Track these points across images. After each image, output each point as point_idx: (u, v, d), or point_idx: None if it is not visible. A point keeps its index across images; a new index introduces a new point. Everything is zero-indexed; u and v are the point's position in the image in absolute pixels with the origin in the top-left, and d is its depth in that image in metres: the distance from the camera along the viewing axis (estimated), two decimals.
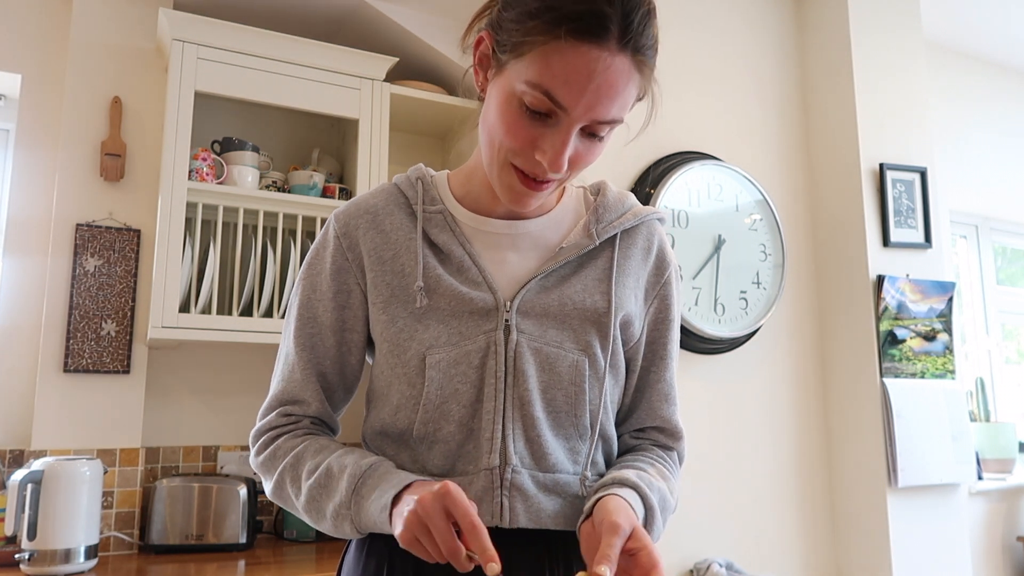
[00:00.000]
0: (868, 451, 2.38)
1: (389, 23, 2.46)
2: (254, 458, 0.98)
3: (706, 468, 2.29)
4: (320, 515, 0.89)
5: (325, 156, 2.55)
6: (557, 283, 0.94)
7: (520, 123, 0.83)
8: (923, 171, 2.56)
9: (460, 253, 0.93)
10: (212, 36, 2.15)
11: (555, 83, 0.79)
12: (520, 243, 0.95)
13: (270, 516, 2.38)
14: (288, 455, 0.93)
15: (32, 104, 2.26)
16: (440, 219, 0.95)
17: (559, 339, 0.92)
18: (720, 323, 2.33)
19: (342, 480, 0.87)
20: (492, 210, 0.96)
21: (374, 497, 0.83)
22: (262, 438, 0.97)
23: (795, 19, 2.74)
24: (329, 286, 0.96)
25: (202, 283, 2.13)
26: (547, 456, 0.90)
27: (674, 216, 2.30)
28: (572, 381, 0.91)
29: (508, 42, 0.83)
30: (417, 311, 0.91)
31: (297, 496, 0.91)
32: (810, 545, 2.43)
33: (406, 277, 0.93)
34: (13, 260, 2.19)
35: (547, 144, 0.83)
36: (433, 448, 0.90)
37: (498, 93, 0.85)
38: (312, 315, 0.97)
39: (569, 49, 0.78)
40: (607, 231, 0.96)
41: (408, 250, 0.94)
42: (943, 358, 2.50)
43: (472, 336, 0.90)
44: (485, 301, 0.91)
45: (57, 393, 2.10)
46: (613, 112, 0.82)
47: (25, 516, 1.77)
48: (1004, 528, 3.06)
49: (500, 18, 0.85)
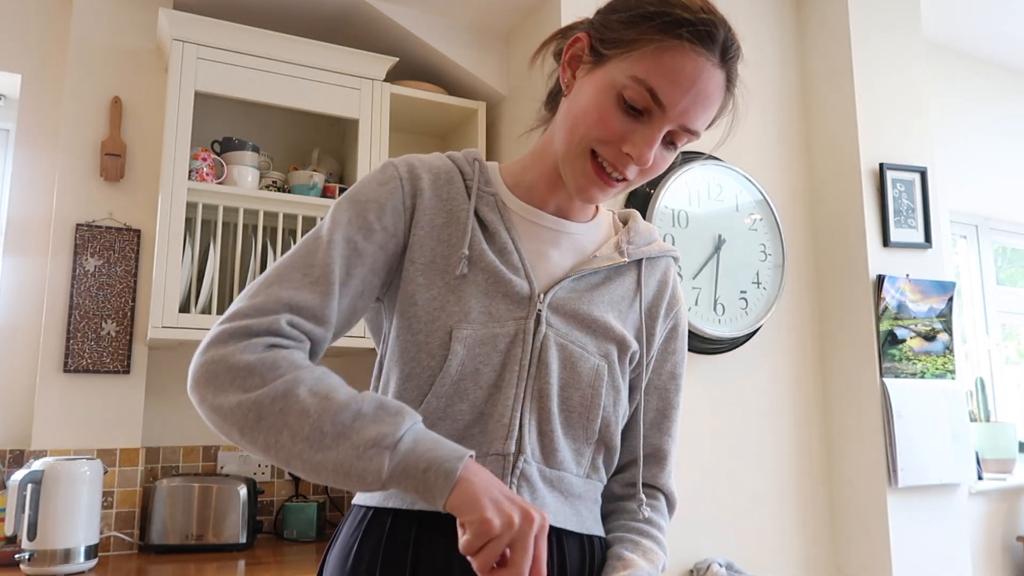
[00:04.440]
0: (868, 451, 2.38)
1: (389, 23, 2.46)
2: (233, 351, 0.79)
3: (706, 468, 2.29)
4: (338, 436, 0.76)
5: (325, 156, 2.55)
6: (587, 290, 0.96)
7: (614, 115, 0.86)
8: (923, 171, 2.56)
9: (505, 237, 0.94)
10: (212, 36, 2.16)
11: (661, 81, 0.84)
12: (562, 242, 0.97)
13: (270, 516, 2.38)
14: (306, 369, 0.80)
15: (32, 104, 2.26)
16: (492, 200, 0.95)
17: (583, 341, 0.93)
18: (720, 323, 2.33)
19: (390, 412, 0.78)
20: (543, 204, 0.97)
21: (435, 448, 0.76)
22: (256, 338, 0.81)
23: (795, 19, 2.74)
24: (379, 219, 0.90)
25: (202, 283, 2.14)
26: (556, 452, 0.91)
27: (674, 216, 2.30)
28: (591, 384, 0.92)
29: (614, 39, 0.86)
30: (453, 281, 0.90)
31: (313, 412, 0.77)
32: (810, 545, 2.43)
33: (451, 247, 0.92)
34: (13, 260, 2.19)
35: (637, 138, 0.86)
36: (437, 426, 0.88)
37: (592, 86, 0.88)
38: (350, 238, 0.88)
39: (683, 51, 0.83)
40: (636, 253, 1.00)
41: (459, 221, 0.93)
42: (943, 358, 2.50)
43: (502, 320, 0.90)
44: (521, 288, 0.91)
45: (57, 393, 2.10)
46: (700, 122, 0.87)
47: (25, 516, 1.77)
48: (1004, 528, 3.06)
49: (604, 20, 0.89)
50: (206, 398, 0.80)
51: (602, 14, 0.91)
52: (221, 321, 0.83)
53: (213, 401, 0.79)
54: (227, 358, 0.79)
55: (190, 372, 0.82)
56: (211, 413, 0.80)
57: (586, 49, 0.90)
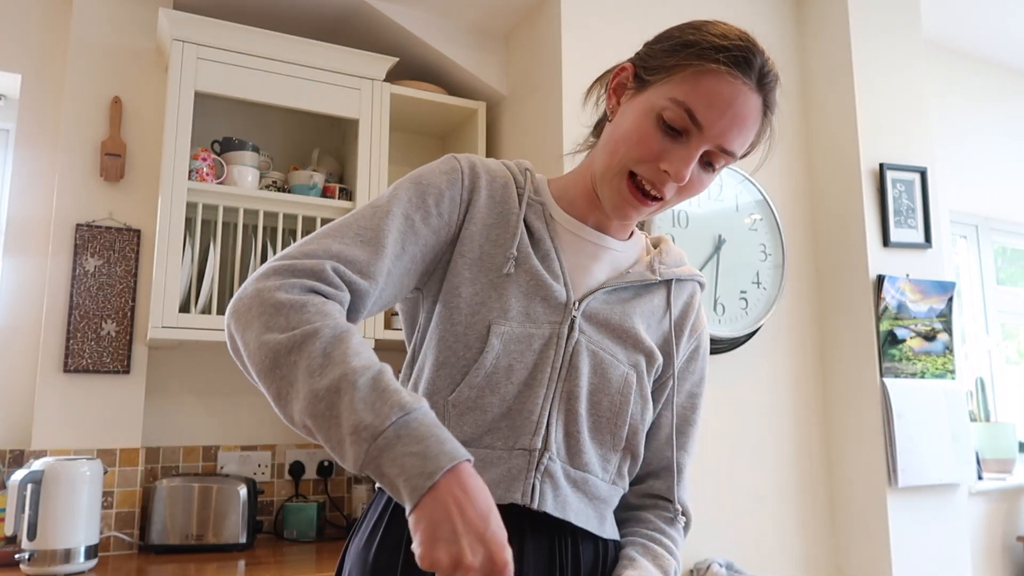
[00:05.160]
0: (868, 451, 2.38)
1: (389, 23, 2.46)
2: (274, 290, 0.79)
3: (706, 468, 2.29)
4: (329, 410, 0.74)
5: (325, 156, 2.55)
6: (619, 302, 1.00)
7: (653, 136, 0.91)
8: (923, 171, 2.56)
9: (549, 245, 0.98)
10: (212, 36, 2.15)
11: (699, 103, 0.89)
12: (601, 255, 1.01)
13: (270, 516, 2.38)
14: (329, 319, 0.78)
15: (32, 104, 2.26)
16: (540, 210, 1.00)
17: (613, 350, 0.97)
18: (720, 323, 2.33)
19: (390, 404, 0.74)
20: (584, 219, 1.02)
21: (414, 451, 0.72)
22: (296, 279, 0.81)
23: (795, 19, 2.74)
24: (436, 204, 0.93)
25: (202, 283, 2.14)
26: (582, 454, 0.93)
27: (674, 216, 2.30)
28: (620, 391, 0.95)
29: (656, 66, 0.93)
30: (498, 279, 0.94)
31: (317, 374, 0.75)
32: (810, 545, 2.43)
33: (499, 246, 0.96)
34: (13, 260, 2.19)
35: (674, 156, 0.90)
36: (466, 416, 0.90)
37: (634, 109, 0.93)
38: (408, 215, 0.91)
39: (719, 75, 0.88)
40: (667, 273, 1.04)
41: (508, 223, 0.97)
42: (943, 358, 2.50)
43: (539, 322, 0.93)
44: (560, 294, 0.95)
45: (57, 393, 2.10)
46: (737, 143, 0.92)
47: (25, 516, 1.77)
48: (1004, 528, 3.06)
49: (648, 50, 0.96)
50: (237, 329, 0.80)
51: (647, 45, 0.97)
52: (271, 260, 0.84)
53: (241, 334, 0.80)
54: (262, 292, 0.80)
55: (231, 302, 0.83)
56: (239, 345, 0.80)
57: (630, 77, 0.96)
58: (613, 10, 2.37)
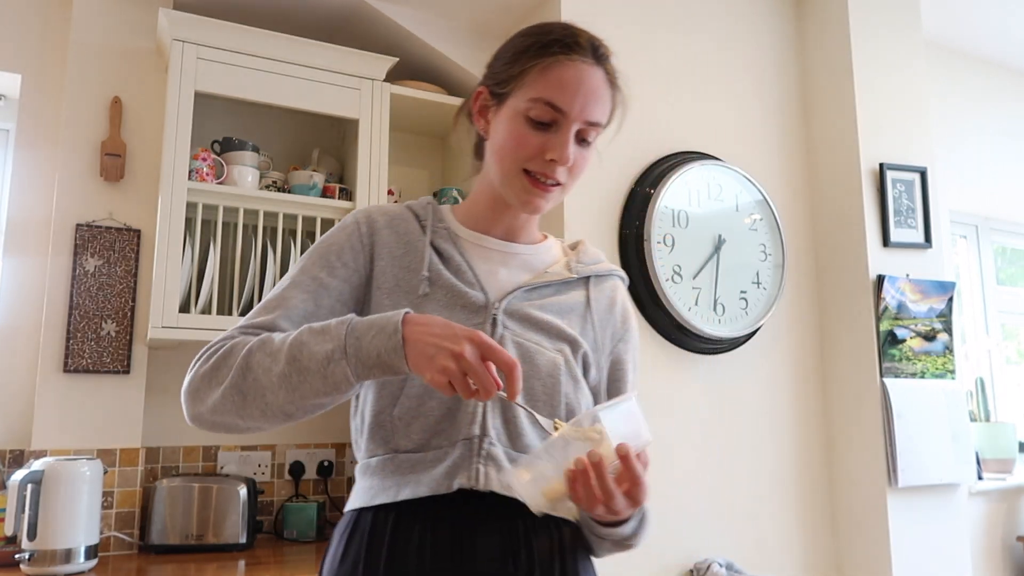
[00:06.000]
0: (868, 451, 2.38)
1: (389, 23, 2.46)
2: (200, 367, 0.96)
3: (706, 468, 2.29)
4: (303, 373, 0.90)
5: (325, 156, 2.55)
6: (539, 299, 1.09)
7: (529, 135, 1.01)
8: (923, 171, 2.56)
9: (459, 260, 1.08)
10: (212, 36, 2.15)
11: (554, 92, 1.00)
12: (510, 261, 1.11)
13: (270, 516, 2.38)
14: (252, 342, 0.95)
15: (32, 104, 2.26)
16: (445, 233, 1.10)
17: (537, 339, 1.05)
18: (720, 323, 2.33)
19: (328, 330, 0.91)
20: (490, 230, 1.12)
21: (374, 332, 0.89)
22: (214, 346, 0.98)
23: (795, 19, 2.74)
24: (339, 258, 1.06)
25: (202, 283, 2.13)
26: (521, 436, 1.01)
27: (674, 216, 2.30)
28: (550, 374, 1.03)
29: (505, 78, 1.04)
30: (417, 300, 1.03)
31: (273, 364, 0.91)
32: (810, 545, 2.43)
33: (412, 272, 1.06)
34: (13, 260, 2.19)
35: (554, 144, 1.01)
36: (412, 424, 0.99)
37: (504, 120, 1.04)
38: (315, 276, 1.04)
39: (561, 63, 1.00)
40: (584, 271, 1.14)
41: (417, 250, 1.08)
42: (943, 358, 2.50)
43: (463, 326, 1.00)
44: (477, 298, 1.04)
45: (57, 393, 2.10)
46: (599, 114, 1.03)
47: (25, 516, 1.77)
48: (1004, 528, 3.06)
49: (492, 71, 1.07)
50: (201, 412, 0.95)
51: (489, 66, 1.09)
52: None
53: (205, 407, 0.95)
54: (196, 374, 0.96)
55: (183, 404, 0.97)
56: (210, 416, 0.95)
57: (488, 97, 1.07)
58: (613, 10, 2.37)
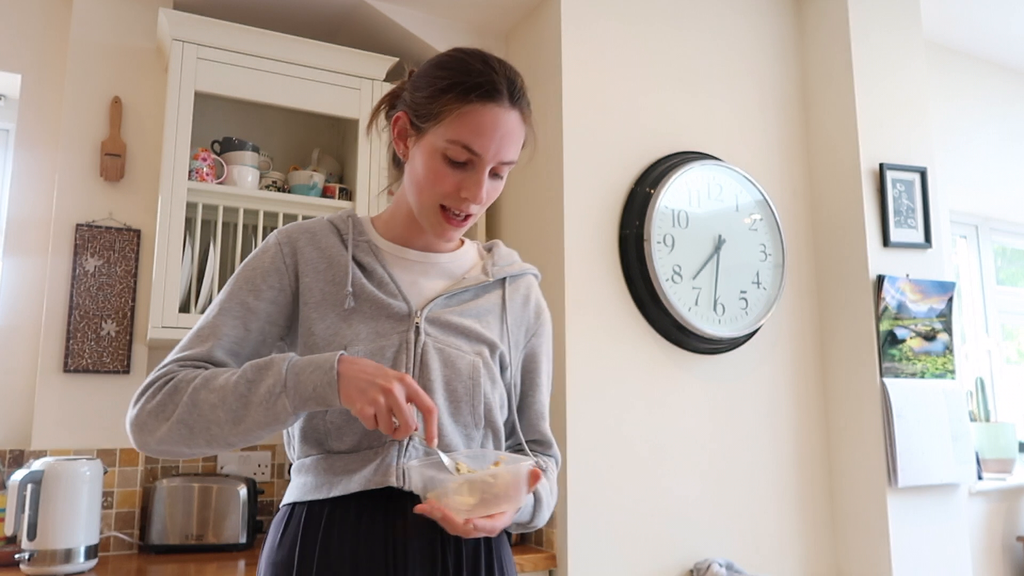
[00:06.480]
0: (868, 451, 2.38)
1: (389, 23, 2.46)
2: (146, 403, 1.02)
3: (706, 468, 2.29)
4: (248, 407, 0.98)
5: (325, 156, 2.55)
6: (458, 304, 1.15)
7: (446, 173, 1.07)
8: (923, 171, 2.56)
9: (381, 272, 1.13)
10: (212, 36, 2.15)
11: (471, 137, 1.05)
12: (430, 271, 1.17)
13: (270, 516, 2.38)
14: (196, 380, 1.01)
15: (32, 104, 2.26)
16: (366, 247, 1.15)
17: (458, 344, 1.12)
18: (720, 323, 2.33)
19: (270, 367, 0.99)
20: (410, 242, 1.18)
21: (312, 369, 0.97)
22: (158, 382, 1.03)
23: (795, 19, 2.74)
24: (264, 280, 1.11)
25: (202, 283, 2.14)
26: (444, 436, 1.08)
27: (674, 216, 2.30)
28: (470, 376, 1.10)
29: (425, 114, 1.08)
30: (343, 312, 1.09)
31: (219, 401, 0.98)
32: (810, 545, 2.43)
33: (337, 285, 1.11)
34: (13, 260, 2.19)
35: (469, 183, 1.07)
36: (344, 429, 1.06)
37: (422, 153, 1.08)
38: (243, 301, 1.09)
39: (478, 110, 1.05)
40: (500, 273, 1.20)
41: (340, 265, 1.13)
42: (943, 358, 2.50)
43: (388, 335, 1.09)
44: (400, 308, 1.11)
45: (57, 393, 2.10)
46: (512, 154, 1.09)
47: (25, 516, 1.77)
48: (1004, 528, 3.06)
49: (414, 99, 1.11)
50: (148, 442, 1.02)
51: (410, 92, 1.12)
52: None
53: (153, 439, 1.01)
54: (143, 409, 1.03)
55: (129, 435, 1.04)
56: (157, 446, 1.02)
57: (407, 125, 1.11)
58: (613, 9, 2.37)
